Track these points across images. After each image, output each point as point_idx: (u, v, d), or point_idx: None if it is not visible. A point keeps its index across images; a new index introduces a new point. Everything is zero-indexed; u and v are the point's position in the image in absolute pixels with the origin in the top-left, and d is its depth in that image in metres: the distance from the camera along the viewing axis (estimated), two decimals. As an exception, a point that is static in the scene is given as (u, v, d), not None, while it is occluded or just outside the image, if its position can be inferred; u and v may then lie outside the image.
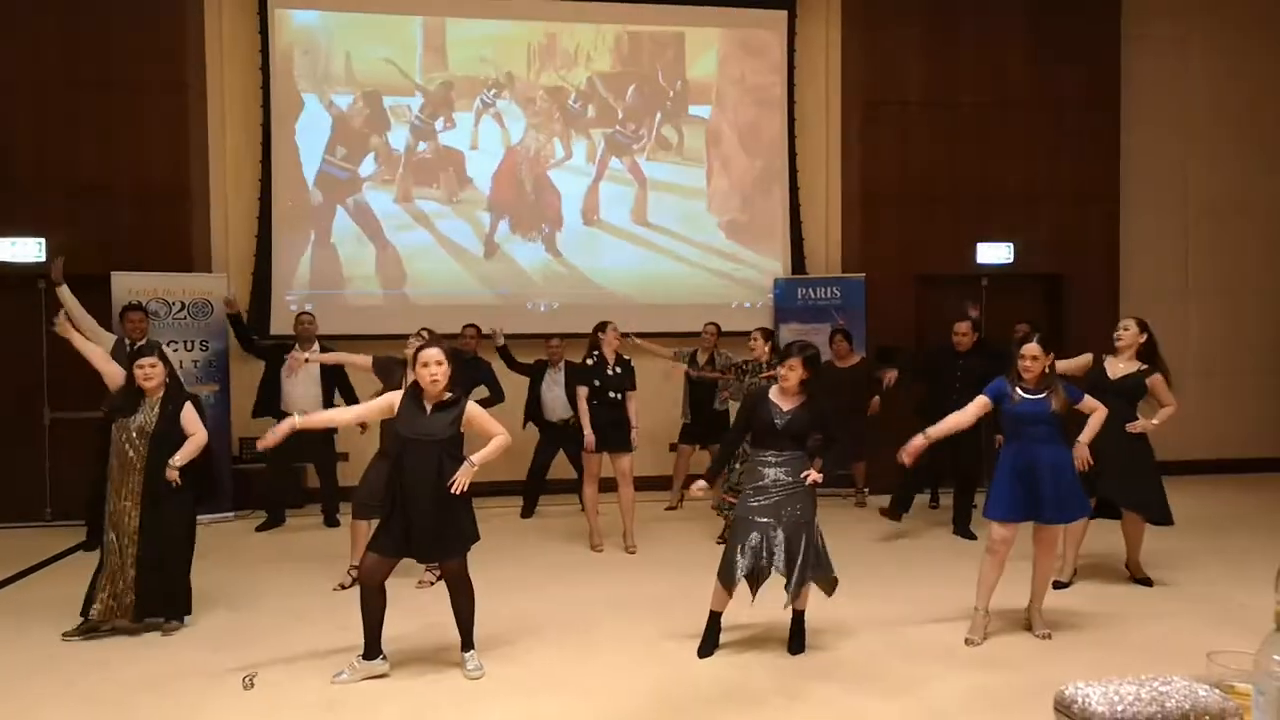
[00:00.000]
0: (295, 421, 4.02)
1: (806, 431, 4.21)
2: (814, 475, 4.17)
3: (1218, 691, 1.24)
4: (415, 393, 4.00)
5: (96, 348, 5.03)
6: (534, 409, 7.21)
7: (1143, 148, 8.78)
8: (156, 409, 4.57)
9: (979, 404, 4.49)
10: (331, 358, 6.13)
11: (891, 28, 8.30)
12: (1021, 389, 4.42)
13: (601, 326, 6.32)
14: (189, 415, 4.64)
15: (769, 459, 4.20)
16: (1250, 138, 9.02)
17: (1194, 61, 8.93)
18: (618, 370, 6.27)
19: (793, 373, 4.17)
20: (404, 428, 3.97)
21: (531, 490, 7.40)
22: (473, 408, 4.10)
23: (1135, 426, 5.16)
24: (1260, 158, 9.04)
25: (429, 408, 3.98)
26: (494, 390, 6.87)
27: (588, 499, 6.44)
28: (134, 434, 4.53)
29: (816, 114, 8.68)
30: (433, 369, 3.93)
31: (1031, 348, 4.42)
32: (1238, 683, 1.17)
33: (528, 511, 7.42)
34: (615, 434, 6.23)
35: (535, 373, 7.21)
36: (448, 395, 3.99)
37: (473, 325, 7.17)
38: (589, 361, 6.30)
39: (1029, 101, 8.46)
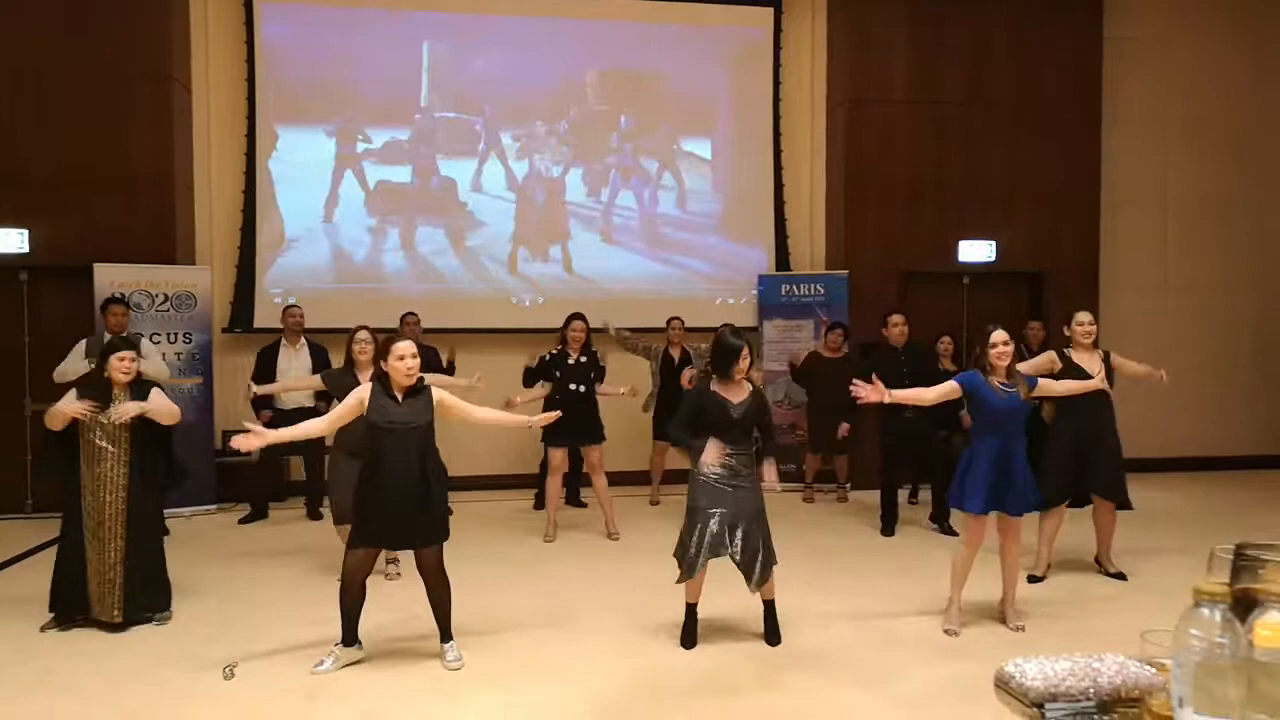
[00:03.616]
0: (269, 436, 4.02)
1: (755, 422, 4.30)
2: (772, 480, 4.30)
3: (1148, 667, 1.29)
4: (384, 384, 4.07)
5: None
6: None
7: (1123, 147, 8.87)
8: (129, 401, 4.54)
9: (948, 387, 4.49)
10: (278, 387, 6.18)
11: (876, 27, 8.35)
12: (1000, 383, 4.45)
13: (568, 321, 6.36)
14: (160, 397, 4.64)
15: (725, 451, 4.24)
16: (1228, 138, 9.13)
17: (1173, 63, 9.03)
18: (582, 360, 6.28)
19: (745, 362, 4.25)
20: (379, 417, 4.02)
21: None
22: (439, 391, 4.19)
23: (1161, 377, 5.36)
24: (1237, 157, 9.15)
25: (399, 396, 4.06)
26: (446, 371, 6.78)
27: (549, 492, 6.47)
28: (111, 428, 4.50)
29: (801, 111, 8.74)
30: (408, 361, 4.03)
31: (1000, 334, 4.45)
32: (1166, 659, 1.22)
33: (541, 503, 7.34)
34: (582, 427, 6.22)
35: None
36: (415, 383, 4.10)
37: (413, 313, 7.17)
38: (552, 351, 6.33)
39: (1011, 101, 8.54)
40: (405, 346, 4.07)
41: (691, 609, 4.38)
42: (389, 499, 3.99)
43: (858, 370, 6.97)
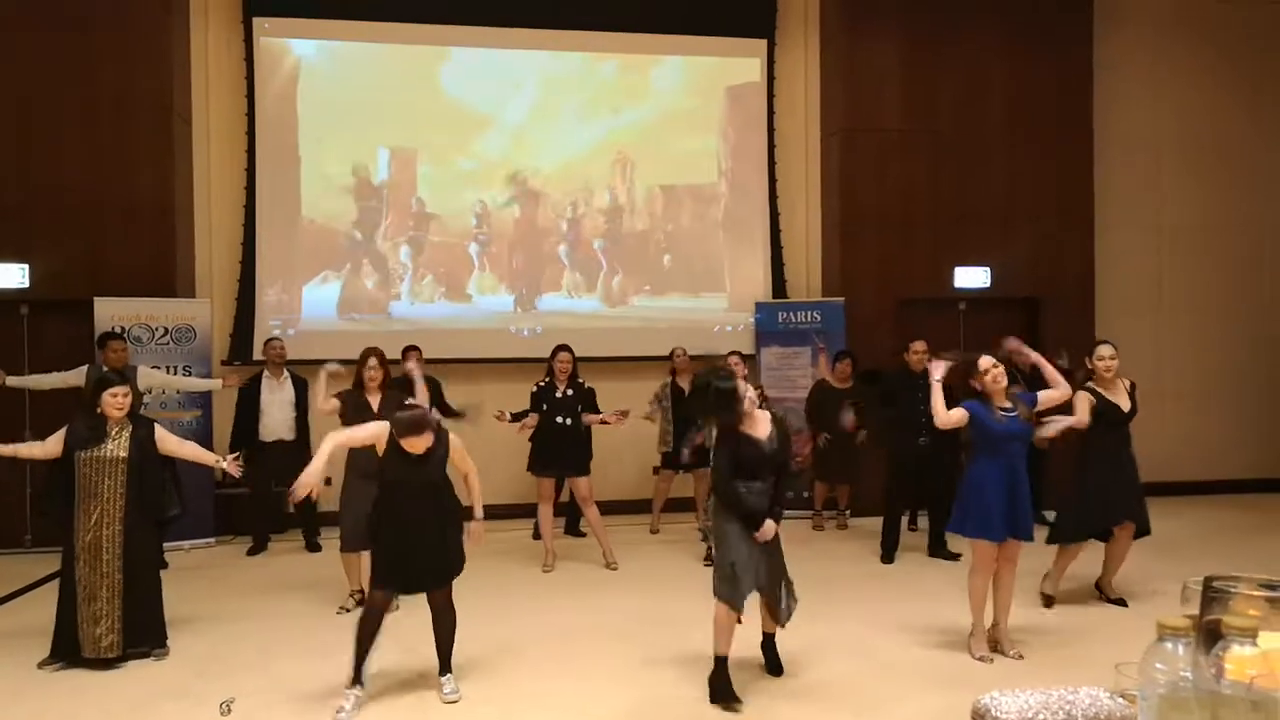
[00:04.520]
0: (313, 473, 3.96)
1: (785, 455, 4.13)
2: (770, 528, 4.04)
3: (1120, 699, 1.31)
4: (400, 446, 4.00)
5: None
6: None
7: (1116, 173, 8.94)
8: (126, 436, 4.55)
9: (960, 415, 4.44)
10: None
11: (868, 57, 8.45)
12: (999, 408, 4.44)
13: (554, 353, 6.37)
14: (167, 435, 4.69)
15: (754, 487, 4.04)
16: (1218, 162, 9.20)
17: (1163, 89, 9.11)
18: (569, 393, 6.28)
19: (749, 394, 4.13)
20: (395, 474, 4.02)
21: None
22: (455, 446, 4.17)
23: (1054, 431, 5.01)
24: (1228, 181, 9.21)
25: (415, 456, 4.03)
26: (445, 410, 6.71)
27: (542, 520, 6.47)
28: (107, 463, 4.49)
29: (796, 140, 8.83)
30: (425, 439, 3.96)
31: (986, 360, 4.46)
32: (1137, 690, 1.23)
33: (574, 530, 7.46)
34: (568, 459, 6.24)
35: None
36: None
37: (415, 347, 6.91)
38: (540, 383, 6.33)
39: (1004, 128, 8.62)
40: (422, 441, 3.96)
41: (722, 663, 4.04)
42: (405, 545, 4.01)
43: (873, 397, 7.04)
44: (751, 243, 8.69)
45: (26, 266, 7.23)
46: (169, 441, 4.72)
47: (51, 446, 4.55)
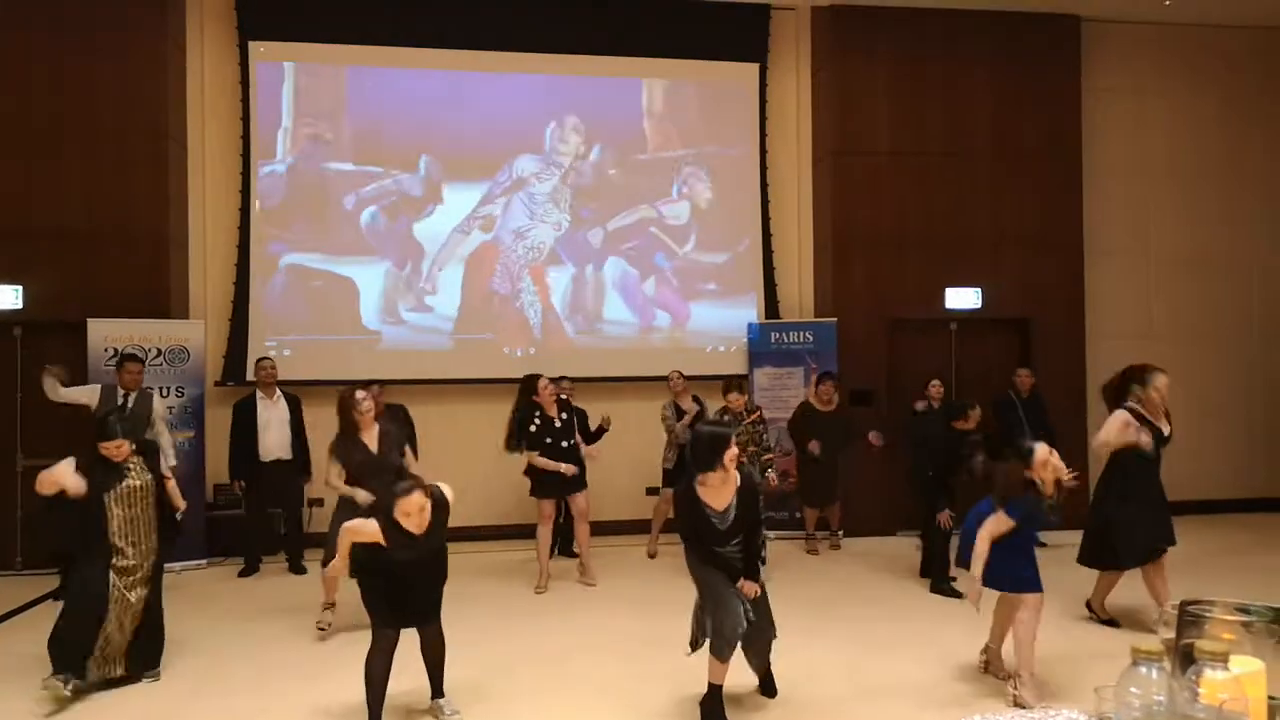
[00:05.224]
0: (339, 560, 4.04)
1: (746, 524, 4.01)
2: (752, 589, 4.01)
3: (1100, 722, 1.33)
4: (397, 524, 3.91)
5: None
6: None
7: (1104, 196, 9.03)
8: (144, 467, 4.59)
9: (1003, 523, 4.24)
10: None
11: (858, 81, 8.55)
12: (1045, 498, 4.32)
13: (531, 385, 6.34)
14: (164, 464, 4.75)
15: (720, 551, 4.02)
16: (1205, 187, 9.29)
17: (1150, 115, 9.22)
18: (563, 417, 6.44)
19: (734, 450, 3.93)
20: (405, 554, 3.92)
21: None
22: (445, 511, 4.07)
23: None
24: (1214, 206, 9.30)
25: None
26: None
27: (540, 541, 6.51)
28: (139, 495, 4.52)
29: (788, 163, 8.91)
30: (416, 518, 3.87)
31: (1043, 450, 4.31)
32: (1114, 714, 1.26)
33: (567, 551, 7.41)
34: (571, 477, 6.39)
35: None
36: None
37: (376, 383, 6.49)
38: (536, 422, 6.33)
39: (993, 151, 8.71)
40: (413, 503, 3.85)
41: (716, 690, 4.04)
42: (405, 588, 3.98)
43: (907, 431, 6.84)
44: (744, 263, 8.74)
45: (20, 288, 7.25)
46: (164, 468, 4.82)
47: (77, 485, 4.39)
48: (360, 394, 5.37)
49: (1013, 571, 4.31)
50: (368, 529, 3.94)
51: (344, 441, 5.35)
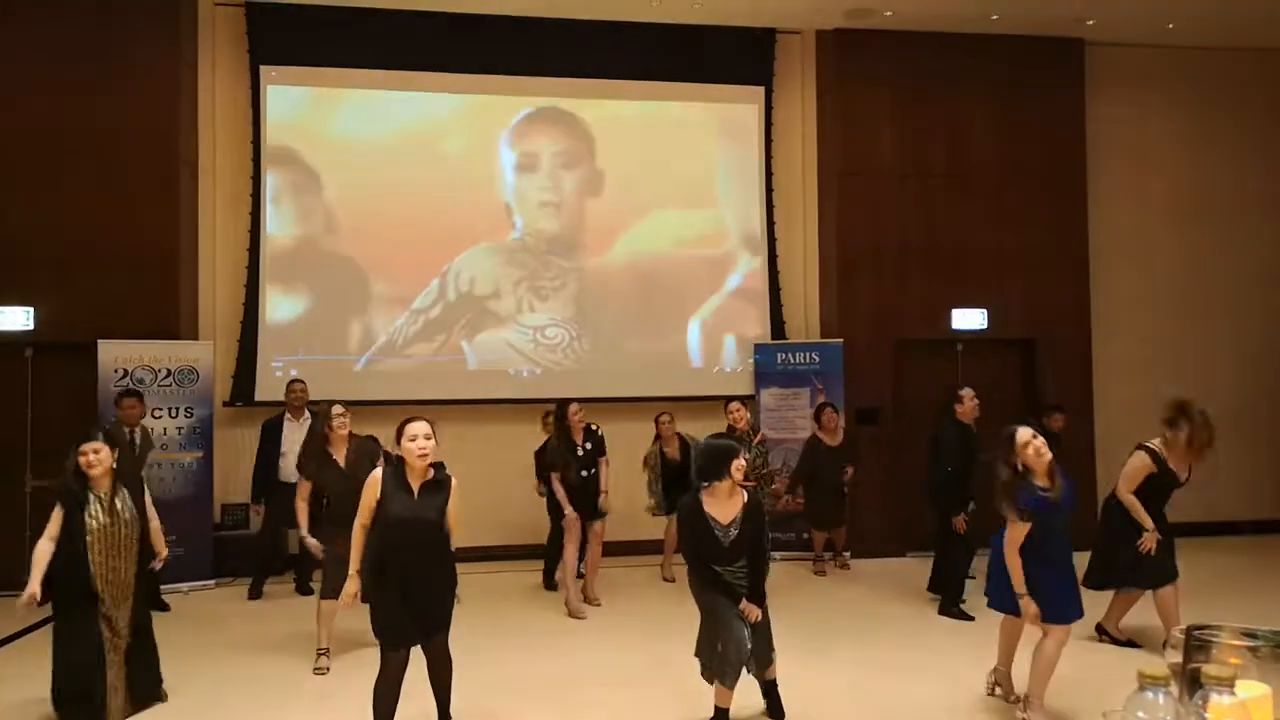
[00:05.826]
0: (353, 579, 4.00)
1: (751, 543, 4.01)
2: (754, 613, 4.03)
3: (1108, 747, 1.33)
4: (398, 473, 3.93)
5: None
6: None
7: (1109, 216, 9.05)
8: (125, 493, 4.45)
9: (1026, 529, 4.13)
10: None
11: (863, 104, 8.61)
12: (1039, 485, 4.18)
13: (563, 410, 6.46)
14: (149, 502, 4.65)
15: (723, 570, 4.04)
16: (1206, 209, 9.30)
17: (1154, 137, 9.25)
18: (588, 446, 6.50)
19: (742, 461, 3.99)
20: (396, 509, 3.87)
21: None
22: (455, 489, 4.04)
23: None
24: (1215, 228, 9.30)
25: (415, 488, 3.92)
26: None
27: (567, 559, 6.50)
28: (124, 519, 4.38)
29: (793, 184, 8.96)
30: (420, 442, 3.88)
31: (1025, 433, 4.18)
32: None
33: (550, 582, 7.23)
34: (590, 505, 6.49)
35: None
36: (432, 473, 3.96)
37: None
38: (569, 454, 6.41)
39: (998, 172, 8.75)
40: (419, 426, 3.88)
41: (723, 714, 4.09)
42: (407, 595, 3.86)
43: (936, 451, 6.40)
44: (750, 284, 8.77)
45: (31, 309, 7.30)
46: (149, 507, 4.66)
47: (53, 531, 4.33)
48: (338, 409, 5.37)
49: (1044, 596, 4.18)
50: (366, 498, 3.95)
51: (313, 456, 5.29)
